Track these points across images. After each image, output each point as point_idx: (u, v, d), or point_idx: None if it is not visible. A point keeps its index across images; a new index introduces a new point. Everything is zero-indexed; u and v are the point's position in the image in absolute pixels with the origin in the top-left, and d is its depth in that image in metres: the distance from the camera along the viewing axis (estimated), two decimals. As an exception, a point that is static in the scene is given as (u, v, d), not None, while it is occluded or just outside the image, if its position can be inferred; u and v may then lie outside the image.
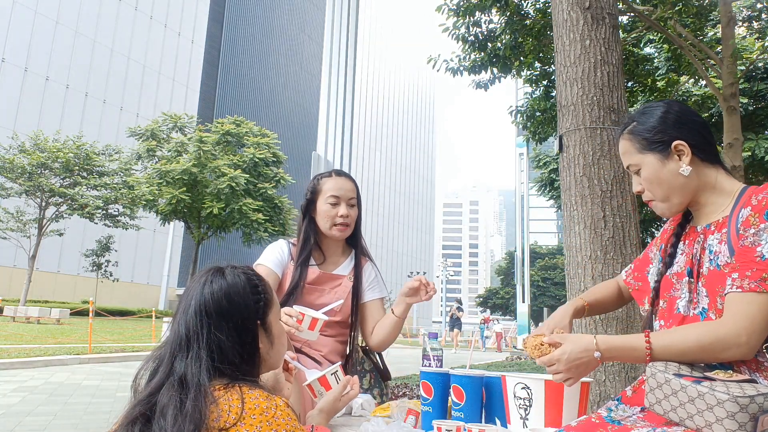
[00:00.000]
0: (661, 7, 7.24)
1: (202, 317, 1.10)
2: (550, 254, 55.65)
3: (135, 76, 44.08)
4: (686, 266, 1.35)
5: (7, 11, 35.55)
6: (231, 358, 1.10)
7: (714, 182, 1.35)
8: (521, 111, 10.10)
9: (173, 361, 1.08)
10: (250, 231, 23.06)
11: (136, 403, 1.06)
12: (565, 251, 3.18)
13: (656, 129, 1.36)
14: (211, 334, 1.09)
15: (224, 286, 1.14)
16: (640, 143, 1.38)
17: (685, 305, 1.32)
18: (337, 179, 2.12)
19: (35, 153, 23.93)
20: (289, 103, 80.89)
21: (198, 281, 1.16)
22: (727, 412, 1.04)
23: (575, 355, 1.26)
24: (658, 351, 1.23)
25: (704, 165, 1.35)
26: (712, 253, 1.28)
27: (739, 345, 1.17)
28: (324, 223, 2.07)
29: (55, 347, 11.51)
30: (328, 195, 2.07)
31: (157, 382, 1.07)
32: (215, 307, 1.11)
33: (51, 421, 5.08)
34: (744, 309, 1.17)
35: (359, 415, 1.82)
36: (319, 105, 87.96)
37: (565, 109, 3.22)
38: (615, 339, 1.29)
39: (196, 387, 1.03)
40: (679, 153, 1.34)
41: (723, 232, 1.28)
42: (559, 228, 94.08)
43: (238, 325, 1.13)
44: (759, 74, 10.52)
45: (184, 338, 1.10)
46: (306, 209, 2.14)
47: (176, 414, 1.00)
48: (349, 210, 2.08)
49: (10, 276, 33.53)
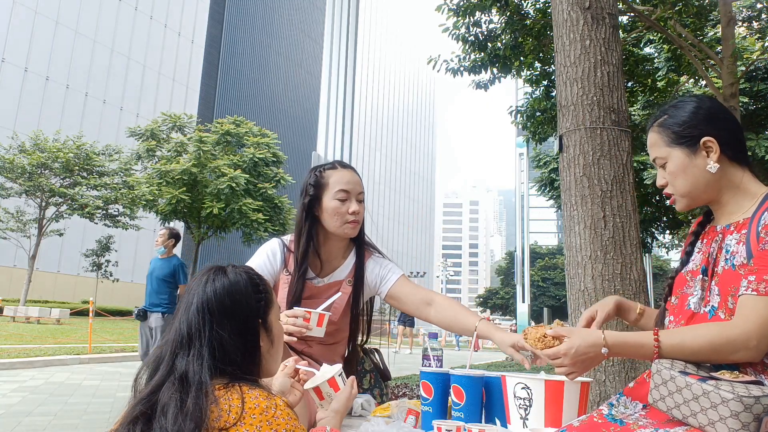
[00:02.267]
0: (661, 7, 7.23)
1: (204, 315, 1.10)
2: (550, 254, 55.64)
3: (135, 76, 44.07)
4: (702, 264, 1.34)
5: (7, 11, 35.55)
6: (232, 356, 1.10)
7: (739, 183, 1.33)
8: (521, 111, 10.10)
9: (174, 359, 1.08)
10: (250, 231, 23.03)
11: (137, 402, 1.05)
12: (565, 251, 3.18)
13: (687, 123, 1.34)
14: (213, 331, 1.09)
15: (227, 284, 1.15)
16: (669, 136, 1.36)
17: (697, 302, 1.31)
18: (344, 172, 1.91)
19: (35, 153, 23.93)
20: (289, 103, 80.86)
21: (199, 280, 1.16)
22: (731, 411, 1.04)
23: (583, 349, 1.25)
24: (667, 349, 1.22)
25: (732, 164, 1.33)
26: (729, 253, 1.28)
27: (748, 348, 1.17)
28: (333, 221, 1.87)
29: (55, 347, 11.51)
30: (337, 189, 1.86)
31: (157, 380, 1.07)
32: (218, 304, 1.12)
33: (51, 422, 5.08)
34: (756, 313, 1.16)
35: (359, 415, 1.81)
36: (319, 105, 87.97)
37: (565, 109, 3.21)
38: (623, 335, 1.28)
39: (197, 385, 1.03)
40: (708, 149, 1.32)
41: (743, 233, 1.27)
42: (559, 228, 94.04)
43: (240, 323, 1.13)
44: (759, 74, 10.51)
45: (185, 336, 1.10)
46: (309, 207, 1.90)
47: (177, 413, 0.99)
48: (358, 205, 1.89)
49: (10, 276, 33.52)
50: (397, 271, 1.98)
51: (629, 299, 2.93)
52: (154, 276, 6.18)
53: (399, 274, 1.97)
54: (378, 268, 1.98)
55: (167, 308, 6.06)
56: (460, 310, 1.84)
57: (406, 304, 1.93)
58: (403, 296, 1.93)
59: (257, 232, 22.87)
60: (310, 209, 1.89)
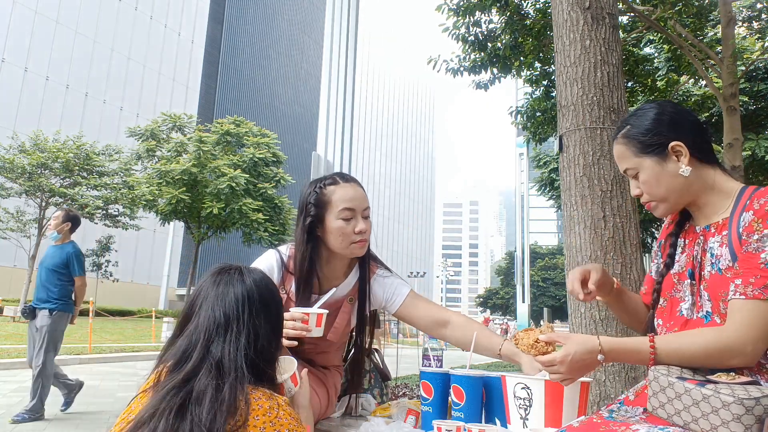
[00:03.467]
0: (661, 7, 7.23)
1: (245, 303, 1.14)
2: (550, 254, 55.64)
3: (135, 76, 44.08)
4: (687, 267, 1.34)
5: (7, 11, 35.55)
6: (264, 344, 1.13)
7: (713, 182, 1.33)
8: (521, 111, 10.10)
9: (209, 345, 1.09)
10: (250, 231, 23.05)
11: (168, 391, 1.02)
12: (565, 251, 3.18)
13: (652, 131, 1.34)
14: (252, 319, 1.13)
15: (263, 277, 1.22)
16: (636, 146, 1.36)
17: (689, 308, 1.31)
18: (347, 187, 1.72)
19: (35, 153, 23.92)
20: (289, 103, 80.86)
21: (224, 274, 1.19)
22: (733, 414, 1.03)
23: (579, 356, 1.24)
24: (663, 356, 1.22)
25: (702, 165, 1.33)
26: (714, 257, 1.27)
27: (744, 354, 1.17)
28: (338, 242, 1.70)
29: (55, 347, 11.49)
30: (341, 208, 1.69)
31: (191, 367, 1.05)
32: (259, 294, 1.17)
33: (51, 422, 5.08)
34: (748, 317, 1.16)
35: (359, 415, 1.81)
36: (319, 105, 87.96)
37: (565, 109, 3.21)
38: (618, 341, 1.27)
39: (235, 371, 1.05)
40: (677, 154, 1.32)
41: (723, 235, 1.27)
42: (559, 228, 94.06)
43: (272, 315, 1.18)
44: (759, 74, 10.51)
45: (222, 323, 1.11)
46: (311, 228, 1.72)
47: (213, 401, 0.99)
48: (365, 222, 1.72)
49: (10, 276, 33.51)
50: (405, 288, 1.85)
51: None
52: (43, 266, 5.16)
53: (407, 292, 1.84)
54: (384, 286, 1.85)
55: (57, 304, 5.01)
56: (480, 332, 1.73)
57: (418, 323, 1.83)
58: (415, 315, 1.82)
59: (257, 232, 22.88)
60: (312, 230, 1.72)
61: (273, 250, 1.83)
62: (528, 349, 1.31)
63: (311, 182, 1.79)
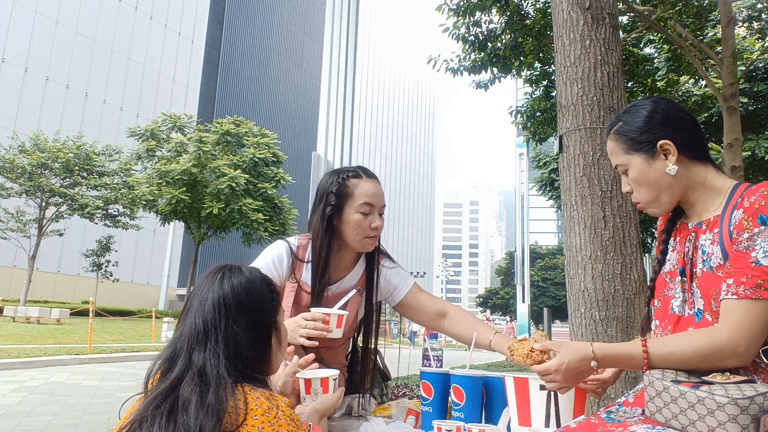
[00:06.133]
0: (661, 7, 7.24)
1: (220, 310, 1.11)
2: (550, 254, 55.60)
3: (135, 76, 44.08)
4: (678, 265, 1.34)
5: (7, 11, 35.55)
6: (244, 352, 1.11)
7: (703, 180, 1.32)
8: (521, 111, 10.11)
9: (191, 354, 1.09)
10: (250, 231, 23.05)
11: (155, 397, 1.04)
12: (565, 251, 3.18)
13: (642, 129, 1.34)
14: (229, 326, 1.10)
15: (243, 281, 1.16)
16: (626, 143, 1.36)
17: (680, 305, 1.31)
18: (369, 183, 1.77)
19: (35, 153, 23.93)
20: (289, 103, 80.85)
21: (212, 277, 1.17)
22: (728, 415, 1.02)
23: (573, 364, 1.24)
24: (656, 359, 1.22)
25: (693, 163, 1.32)
26: (705, 254, 1.27)
27: (737, 354, 1.16)
28: (353, 234, 1.74)
29: (55, 347, 11.52)
30: (362, 202, 1.73)
31: (177, 375, 1.07)
32: (235, 300, 1.13)
33: (51, 422, 5.08)
34: (740, 317, 1.16)
35: (359, 415, 1.81)
36: (319, 105, 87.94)
37: (565, 109, 3.22)
38: (611, 348, 1.27)
39: (216, 378, 1.04)
40: (665, 152, 1.31)
41: (715, 232, 1.26)
42: (559, 228, 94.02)
43: (254, 320, 1.14)
44: (759, 74, 10.51)
45: (201, 331, 1.10)
46: (329, 218, 1.74)
47: (198, 407, 1.00)
48: (380, 220, 1.77)
49: (10, 276, 33.52)
50: (410, 279, 1.90)
51: (629, 299, 2.94)
52: None
53: (411, 284, 1.89)
54: (390, 276, 1.89)
55: None
56: (474, 323, 1.79)
57: (419, 314, 1.87)
58: (416, 307, 1.86)
59: (257, 232, 22.89)
60: (330, 219, 1.74)
61: (282, 240, 1.86)
62: (524, 359, 1.32)
63: (332, 172, 1.80)
